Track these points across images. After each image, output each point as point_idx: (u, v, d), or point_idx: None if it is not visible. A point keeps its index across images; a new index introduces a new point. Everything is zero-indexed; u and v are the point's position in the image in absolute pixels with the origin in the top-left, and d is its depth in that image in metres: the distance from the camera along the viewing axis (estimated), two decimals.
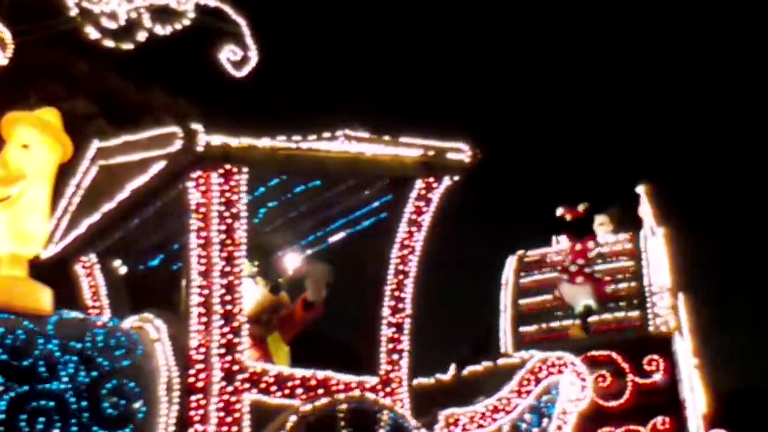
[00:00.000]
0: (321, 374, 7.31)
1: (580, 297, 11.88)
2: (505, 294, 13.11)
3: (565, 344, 11.56)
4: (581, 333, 11.72)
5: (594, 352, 11.09)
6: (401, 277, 7.89)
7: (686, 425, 10.95)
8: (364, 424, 7.02)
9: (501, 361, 9.09)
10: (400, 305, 7.84)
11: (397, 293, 7.85)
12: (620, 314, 12.64)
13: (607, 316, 12.60)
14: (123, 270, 8.85)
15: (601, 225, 15.16)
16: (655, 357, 11.04)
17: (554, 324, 12.54)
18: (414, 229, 7.96)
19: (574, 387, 9.02)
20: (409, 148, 8.00)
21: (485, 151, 8.28)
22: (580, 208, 12.48)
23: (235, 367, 6.90)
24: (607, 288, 11.97)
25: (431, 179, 8.03)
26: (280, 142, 7.38)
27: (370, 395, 7.26)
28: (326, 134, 8.04)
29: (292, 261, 9.21)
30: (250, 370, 6.98)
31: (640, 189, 16.83)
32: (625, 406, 10.93)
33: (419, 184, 7.99)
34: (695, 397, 16.76)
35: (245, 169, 7.15)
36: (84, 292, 8.70)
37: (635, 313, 12.60)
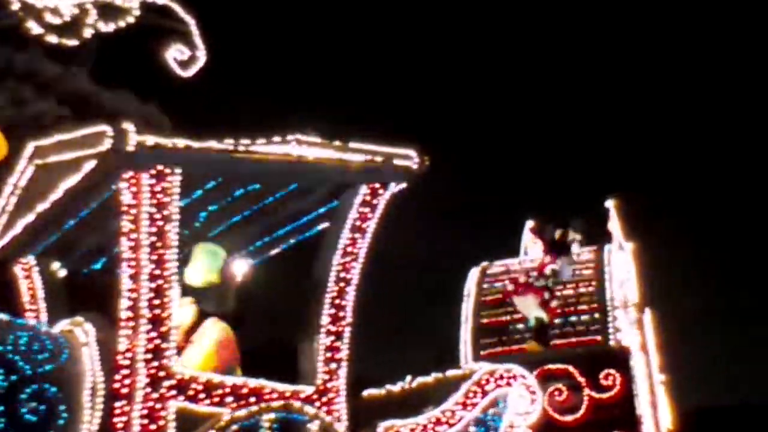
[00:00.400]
0: (253, 383, 7.07)
1: (531, 309, 11.68)
2: (466, 306, 12.91)
3: (523, 357, 11.40)
4: (536, 346, 11.53)
5: (551, 366, 10.89)
6: (342, 284, 7.66)
7: None
8: None
9: (450, 373, 8.88)
10: (341, 313, 7.61)
11: (337, 301, 7.61)
12: (581, 328, 12.45)
13: (568, 329, 12.42)
14: (63, 273, 8.58)
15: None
16: (612, 371, 10.82)
17: (516, 337, 12.34)
18: (357, 235, 7.74)
19: (523, 400, 8.81)
20: (355, 153, 7.80)
21: (457, 161, 8.13)
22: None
23: (162, 373, 6.67)
24: (553, 302, 11.75)
25: (377, 185, 7.83)
26: (217, 143, 7.17)
27: (298, 404, 7.02)
28: (277, 138, 7.86)
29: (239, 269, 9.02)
30: (177, 377, 6.74)
31: (609, 203, 16.73)
32: (581, 420, 10.72)
33: (364, 189, 7.78)
34: (660, 413, 16.63)
35: (178, 171, 6.93)
36: (22, 295, 8.45)
37: (596, 327, 12.42)
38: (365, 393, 9.78)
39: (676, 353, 16.75)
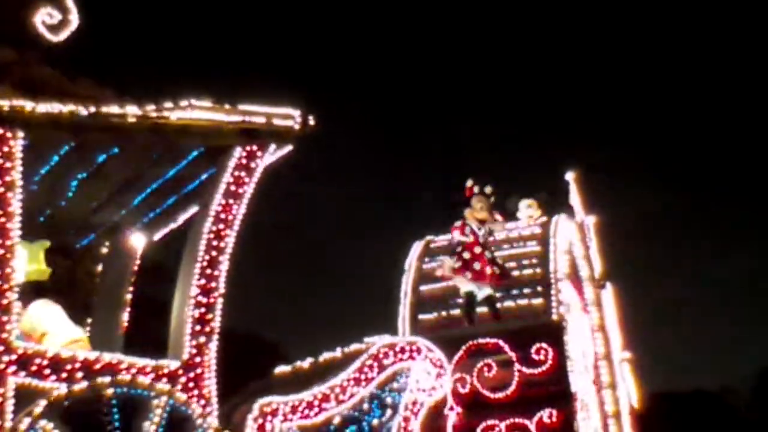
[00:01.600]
0: (108, 357, 6.54)
1: (462, 284, 10.99)
2: (406, 280, 12.28)
3: (456, 333, 10.82)
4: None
5: (480, 340, 10.21)
6: (215, 253, 7.09)
7: (574, 418, 10.05)
8: (132, 410, 6.24)
9: (353, 347, 8.31)
10: (212, 284, 7.04)
11: (209, 271, 7.05)
12: (523, 302, 11.80)
13: (509, 303, 11.78)
14: None
15: (529, 207, 14.41)
16: (544, 346, 10.11)
17: (454, 312, 11.70)
18: (232, 200, 7.17)
19: (428, 376, 8.23)
20: (230, 115, 7.23)
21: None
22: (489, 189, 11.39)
23: (0, 348, 6.16)
24: (487, 269, 10.96)
25: (254, 147, 7.26)
26: (68, 106, 6.64)
27: (145, 379, 6.47)
28: (168, 103, 7.30)
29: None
30: (19, 351, 6.23)
31: (569, 176, 16.04)
32: (512, 397, 9.99)
33: (239, 152, 7.22)
34: (618, 393, 15.94)
35: (21, 134, 6.41)
36: None
37: (539, 301, 11.76)
38: (277, 370, 9.30)
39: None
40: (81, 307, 8.50)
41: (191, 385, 6.74)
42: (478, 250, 11.06)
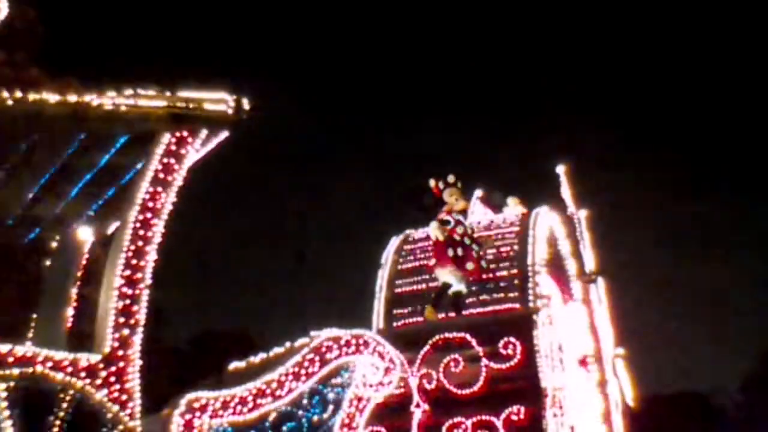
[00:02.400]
0: (22, 350, 6.24)
1: (445, 276, 10.57)
2: (382, 274, 11.90)
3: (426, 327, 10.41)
4: (432, 315, 10.44)
5: (448, 335, 9.78)
6: (141, 243, 6.78)
7: (543, 416, 9.58)
8: (36, 405, 5.94)
9: (298, 342, 7.96)
10: (138, 275, 6.73)
11: (134, 261, 6.74)
12: (499, 294, 11.37)
13: (485, 296, 11.35)
14: None
15: (517, 206, 14.02)
16: (512, 340, 9.64)
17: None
18: (160, 189, 6.86)
19: (376, 370, 7.85)
20: (156, 100, 6.90)
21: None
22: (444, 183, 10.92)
23: None
24: (468, 264, 10.53)
25: (183, 133, 6.94)
26: None
27: (56, 374, 6.15)
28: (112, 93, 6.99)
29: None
30: None
31: (560, 169, 15.58)
32: (479, 393, 9.48)
33: (168, 139, 6.90)
34: (620, 389, 15.44)
35: None
36: None
37: (515, 294, 11.32)
38: (231, 366, 8.97)
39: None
40: (27, 302, 8.25)
41: (112, 379, 6.43)
42: (468, 241, 10.60)
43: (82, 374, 6.29)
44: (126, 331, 6.58)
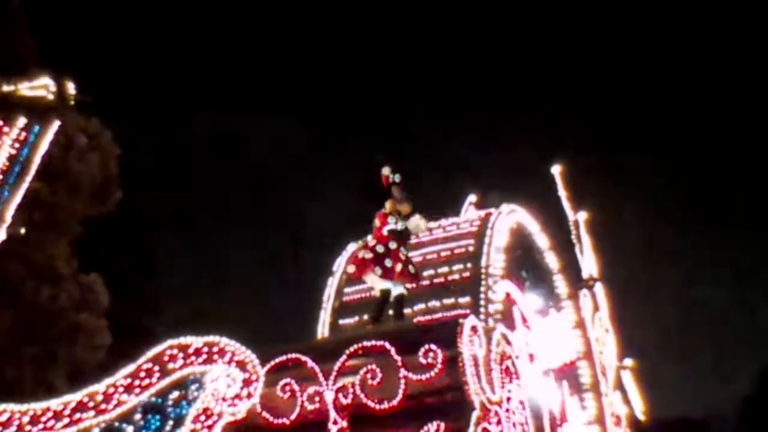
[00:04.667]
0: None
1: (376, 283, 9.49)
2: (331, 282, 10.94)
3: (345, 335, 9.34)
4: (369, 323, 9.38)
5: (366, 343, 8.69)
6: None
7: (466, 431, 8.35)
8: None
9: (153, 350, 7.06)
10: None
11: None
12: (449, 300, 10.25)
13: (434, 303, 10.25)
14: None
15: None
16: (433, 347, 8.34)
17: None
18: None
19: (232, 382, 6.86)
20: None
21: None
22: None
23: None
24: (398, 267, 9.39)
25: None
26: None
27: None
28: None
29: None
30: None
31: (555, 169, 14.34)
32: (397, 408, 8.19)
33: None
34: (627, 403, 13.94)
35: None
36: None
37: (466, 299, 10.18)
38: None
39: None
40: None
41: None
42: (393, 245, 9.49)
43: None
44: None
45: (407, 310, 10.02)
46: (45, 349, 14.95)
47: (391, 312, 9.53)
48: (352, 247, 11.20)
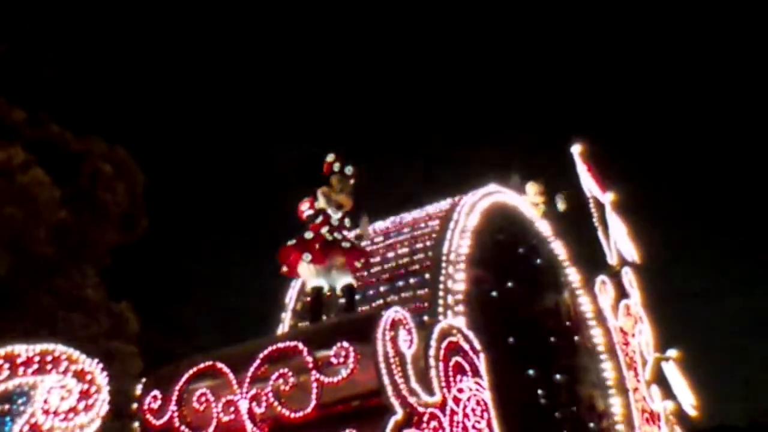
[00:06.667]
0: None
1: (308, 276, 8.42)
2: (294, 284, 9.94)
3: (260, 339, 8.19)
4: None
5: (281, 345, 7.64)
6: None
7: None
8: None
9: None
10: None
11: None
12: (407, 293, 9.06)
13: (393, 297, 9.09)
14: None
15: (537, 194, 11.72)
16: (345, 345, 7.08)
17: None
18: None
19: (68, 394, 5.97)
20: None
21: None
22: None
23: None
24: (330, 256, 8.23)
25: None
26: None
27: None
28: None
29: None
30: None
31: (575, 149, 12.88)
32: (311, 416, 7.15)
33: None
34: (658, 396, 12.15)
35: None
36: None
37: (424, 291, 8.97)
38: None
39: None
40: None
41: None
42: (325, 230, 8.28)
43: None
44: None
45: (366, 309, 8.97)
46: None
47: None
48: None
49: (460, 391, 7.85)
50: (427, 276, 8.98)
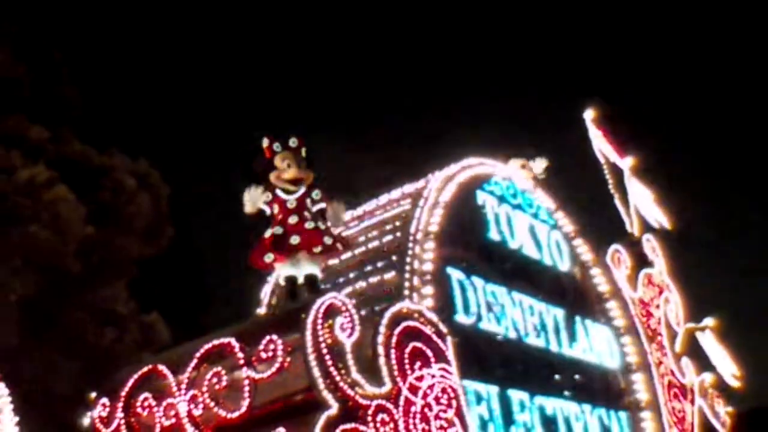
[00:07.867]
0: None
1: (279, 269, 7.68)
2: (270, 280, 9.36)
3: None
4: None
5: (215, 342, 7.02)
6: None
7: None
8: None
9: None
10: None
11: None
12: (375, 279, 8.35)
13: (361, 284, 8.40)
14: None
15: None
16: (274, 338, 6.49)
17: None
18: None
19: None
20: None
21: None
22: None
23: None
24: (293, 239, 7.44)
25: None
26: None
27: None
28: None
29: None
30: None
31: (588, 115, 11.91)
32: (246, 416, 6.57)
33: None
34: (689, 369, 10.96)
35: None
36: None
37: (391, 275, 8.24)
38: None
39: None
40: None
41: None
42: (293, 220, 7.60)
43: None
44: None
45: None
46: None
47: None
48: None
49: (419, 379, 7.13)
50: (394, 258, 8.28)
